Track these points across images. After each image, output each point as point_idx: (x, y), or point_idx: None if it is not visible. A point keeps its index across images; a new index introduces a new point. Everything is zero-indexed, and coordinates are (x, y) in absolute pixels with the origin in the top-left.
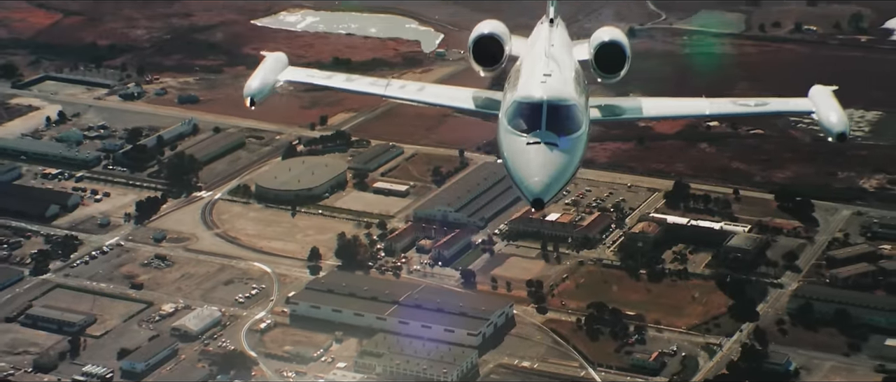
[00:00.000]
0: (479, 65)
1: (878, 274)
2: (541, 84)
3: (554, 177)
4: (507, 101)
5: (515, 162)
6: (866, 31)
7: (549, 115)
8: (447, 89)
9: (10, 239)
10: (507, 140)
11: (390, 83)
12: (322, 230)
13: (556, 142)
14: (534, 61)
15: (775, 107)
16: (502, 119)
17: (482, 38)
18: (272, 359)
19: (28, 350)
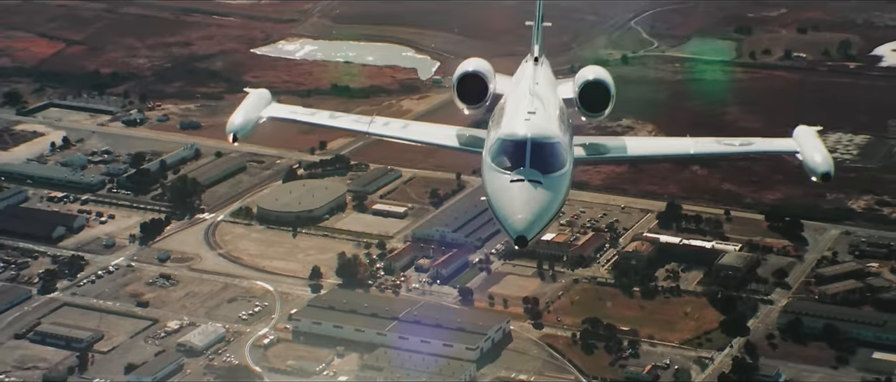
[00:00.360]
0: (463, 103)
1: (865, 291)
2: (525, 122)
3: (537, 215)
4: (491, 139)
5: (499, 199)
6: (855, 58)
7: (533, 153)
8: (431, 127)
9: (18, 259)
10: (491, 177)
11: (374, 120)
12: (323, 250)
13: (540, 179)
14: (518, 99)
15: (760, 147)
16: (486, 156)
17: (466, 76)
18: (276, 373)
19: (37, 366)
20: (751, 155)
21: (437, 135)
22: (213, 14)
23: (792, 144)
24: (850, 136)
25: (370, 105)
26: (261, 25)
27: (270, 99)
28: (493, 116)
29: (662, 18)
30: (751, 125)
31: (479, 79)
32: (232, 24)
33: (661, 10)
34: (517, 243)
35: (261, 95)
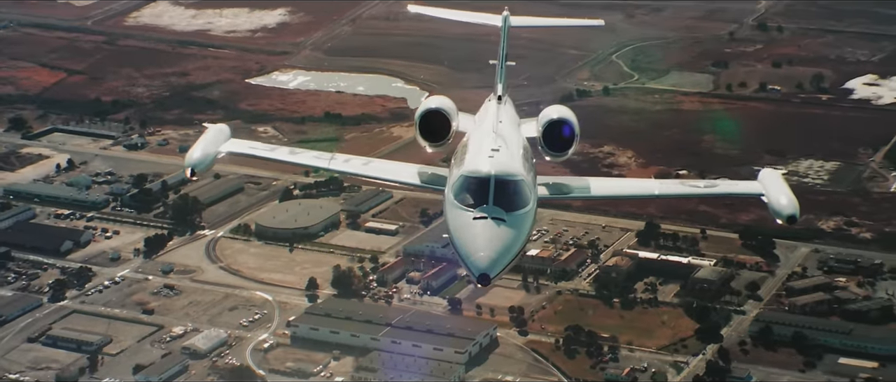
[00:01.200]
0: (425, 141)
1: (833, 303)
2: (488, 159)
3: (500, 253)
4: (453, 176)
5: (461, 236)
6: (827, 91)
7: (496, 191)
8: (392, 164)
9: (28, 270)
10: (453, 214)
11: (335, 157)
12: (318, 264)
13: (503, 217)
14: (481, 137)
15: (724, 190)
16: (448, 193)
17: (429, 113)
18: (276, 374)
19: (50, 366)
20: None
21: (398, 172)
22: (209, 46)
23: (757, 187)
24: (822, 163)
25: (361, 132)
26: (255, 57)
27: (229, 134)
28: (456, 154)
29: (642, 53)
30: (727, 153)
31: (441, 116)
32: (227, 56)
33: (642, 45)
34: (480, 281)
35: (220, 130)
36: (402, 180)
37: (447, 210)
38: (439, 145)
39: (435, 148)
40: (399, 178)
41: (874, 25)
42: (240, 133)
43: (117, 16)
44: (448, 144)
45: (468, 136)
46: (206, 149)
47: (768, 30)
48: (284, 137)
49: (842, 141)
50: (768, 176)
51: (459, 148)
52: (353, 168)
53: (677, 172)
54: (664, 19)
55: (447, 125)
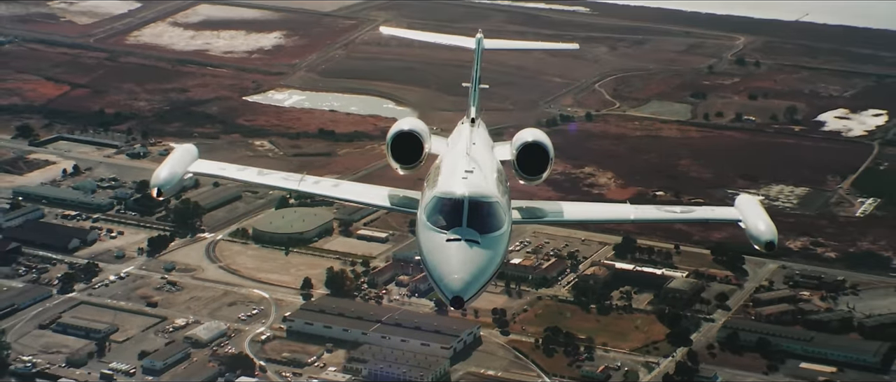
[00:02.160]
0: (397, 163)
1: (796, 313)
2: (462, 180)
3: (474, 276)
4: (426, 198)
5: (434, 258)
6: (799, 122)
7: (470, 212)
8: (362, 187)
9: (38, 265)
10: (426, 236)
11: (304, 178)
12: (312, 266)
13: (477, 239)
14: (455, 159)
15: (701, 215)
16: (421, 215)
17: (400, 136)
18: (272, 363)
19: (60, 351)
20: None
21: (369, 194)
22: (207, 65)
23: (734, 213)
24: (792, 188)
25: (353, 147)
26: (251, 76)
27: (196, 154)
28: (429, 176)
29: (624, 82)
30: (701, 176)
31: (414, 138)
32: (224, 75)
33: (624, 76)
34: (453, 304)
35: (187, 150)
36: (371, 202)
37: (419, 232)
38: (411, 168)
39: (407, 170)
40: (369, 201)
41: (847, 63)
42: (237, 146)
43: (118, 34)
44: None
45: (441, 159)
46: (173, 170)
47: (746, 65)
48: (281, 151)
49: (812, 169)
50: (745, 201)
51: (432, 170)
52: (323, 189)
53: (654, 193)
54: (646, 52)
55: (419, 147)
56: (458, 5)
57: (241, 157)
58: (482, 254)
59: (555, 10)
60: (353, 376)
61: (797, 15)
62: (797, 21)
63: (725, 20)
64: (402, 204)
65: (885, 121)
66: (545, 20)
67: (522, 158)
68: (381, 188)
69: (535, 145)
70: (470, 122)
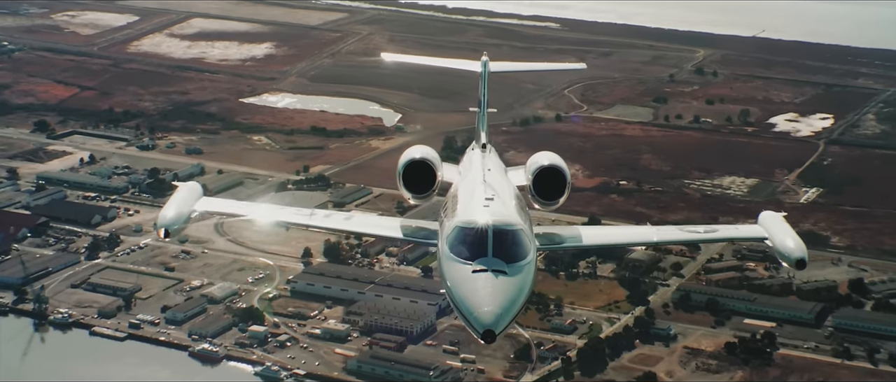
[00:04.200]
0: (409, 192)
1: (742, 279)
2: (484, 209)
3: (505, 308)
4: (447, 228)
5: (461, 291)
6: (752, 124)
7: (495, 241)
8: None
9: (65, 237)
10: (451, 268)
11: (314, 212)
12: (311, 240)
13: (504, 269)
14: (472, 186)
15: (724, 234)
16: (443, 247)
17: (412, 164)
18: (279, 316)
19: (92, 305)
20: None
21: (381, 225)
22: (205, 72)
23: (759, 231)
24: (743, 179)
25: (344, 142)
26: (246, 81)
27: (201, 193)
28: (445, 205)
29: (591, 89)
30: (661, 168)
31: (426, 166)
32: (221, 80)
33: (591, 83)
34: (484, 338)
35: (192, 188)
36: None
37: (443, 263)
38: (424, 197)
39: (419, 199)
40: (381, 231)
41: (799, 74)
42: (237, 141)
43: (119, 44)
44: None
45: (456, 187)
46: (179, 209)
47: (704, 74)
48: (277, 145)
49: (762, 163)
50: (769, 218)
51: (449, 199)
52: (334, 223)
53: (617, 182)
54: (612, 62)
55: (432, 176)
56: (437, 20)
57: (241, 150)
58: (511, 284)
59: (527, 26)
60: (352, 326)
61: (754, 31)
62: (754, 37)
63: (687, 35)
64: (416, 235)
65: (831, 123)
66: (519, 34)
67: (539, 183)
68: (393, 219)
69: (552, 169)
70: (481, 148)
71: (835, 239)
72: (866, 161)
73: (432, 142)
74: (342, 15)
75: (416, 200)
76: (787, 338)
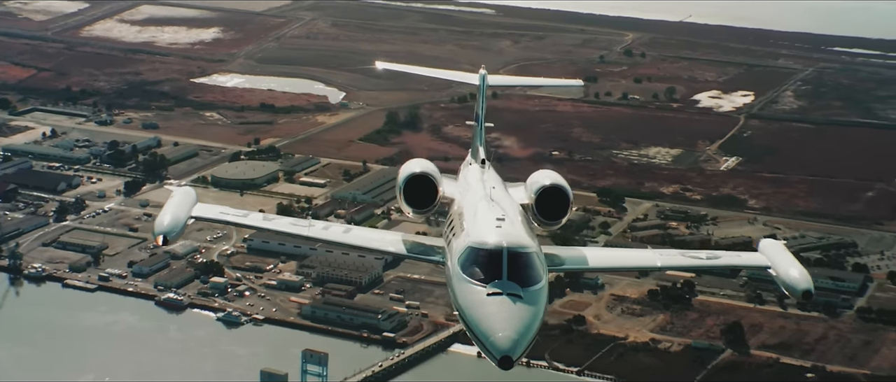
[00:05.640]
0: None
1: (665, 237)
2: (496, 229)
3: (521, 333)
4: (457, 247)
5: (476, 314)
6: (677, 101)
7: (510, 264)
8: (373, 232)
9: (33, 202)
10: (463, 290)
11: (313, 223)
12: (264, 204)
13: (519, 293)
14: (478, 205)
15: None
16: (454, 266)
17: (414, 178)
18: (237, 270)
19: (63, 261)
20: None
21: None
22: (156, 54)
23: (761, 259)
24: (668, 149)
25: (291, 118)
26: (196, 63)
27: (195, 198)
28: (449, 222)
29: (526, 69)
30: (591, 140)
31: (428, 181)
32: (172, 62)
33: (525, 64)
34: (501, 364)
35: (186, 194)
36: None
37: (455, 284)
38: (425, 212)
39: (420, 214)
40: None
41: (723, 55)
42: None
43: (72, 29)
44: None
45: (459, 204)
46: (176, 216)
47: (633, 56)
48: (228, 121)
49: (685, 135)
50: (770, 247)
51: (454, 216)
52: (332, 235)
53: (550, 153)
54: (546, 45)
55: (433, 191)
56: (377, 6)
57: (194, 125)
58: (527, 310)
59: (464, 11)
60: (305, 278)
61: (681, 16)
62: (681, 21)
63: (617, 20)
64: (418, 251)
65: (752, 100)
66: (456, 19)
67: (541, 202)
68: (394, 234)
69: (554, 188)
70: (480, 164)
71: (752, 201)
72: (783, 133)
73: (375, 117)
74: (286, 2)
75: (417, 215)
76: (704, 286)
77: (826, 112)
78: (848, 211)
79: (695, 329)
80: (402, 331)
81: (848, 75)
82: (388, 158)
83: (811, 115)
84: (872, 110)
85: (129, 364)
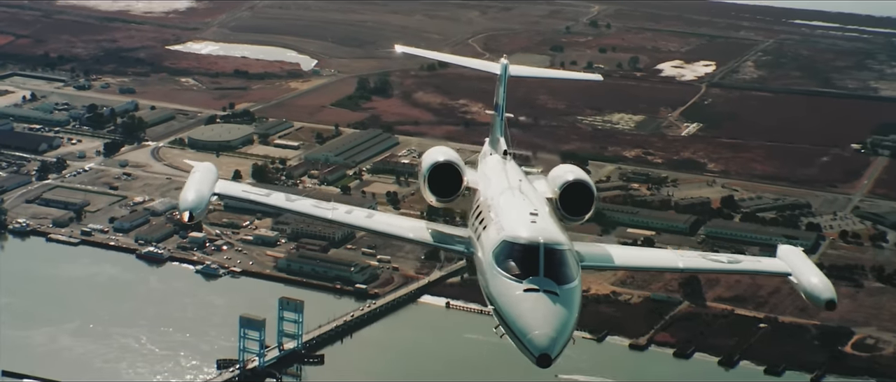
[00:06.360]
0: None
1: (627, 197)
2: (531, 224)
3: (559, 331)
4: (490, 239)
5: (513, 310)
6: (641, 70)
7: (546, 260)
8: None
9: (16, 161)
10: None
11: (336, 206)
12: (240, 165)
13: (556, 290)
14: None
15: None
16: (488, 259)
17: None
18: (215, 226)
19: (46, 217)
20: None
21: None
22: (131, 22)
23: (781, 266)
24: (631, 116)
25: (265, 84)
26: (171, 31)
27: (217, 174)
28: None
29: (494, 39)
30: (557, 106)
31: (453, 170)
32: (147, 30)
33: (493, 34)
34: (540, 363)
35: (208, 170)
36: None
37: (488, 277)
38: (449, 200)
39: (443, 203)
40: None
41: (686, 27)
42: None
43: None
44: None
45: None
46: (200, 192)
47: (598, 27)
48: (203, 86)
49: (648, 103)
50: (789, 253)
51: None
52: (355, 220)
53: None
54: (513, 16)
55: (458, 179)
56: None
57: (170, 90)
58: (564, 308)
59: None
60: (280, 234)
61: None
62: None
63: None
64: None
65: (713, 69)
66: None
67: (565, 198)
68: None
69: (579, 184)
70: (502, 155)
71: (711, 165)
72: (743, 101)
73: (346, 84)
74: None
75: (441, 203)
76: (663, 244)
77: (785, 81)
78: (803, 175)
79: (654, 282)
80: (374, 283)
81: (807, 46)
82: (360, 123)
83: (771, 84)
84: (830, 80)
85: (112, 313)
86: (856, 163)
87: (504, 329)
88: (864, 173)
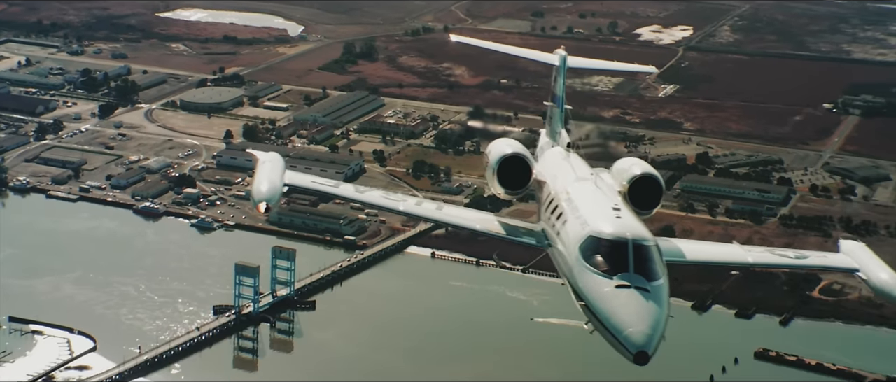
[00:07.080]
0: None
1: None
2: (616, 220)
3: (654, 328)
4: (574, 234)
5: (606, 306)
6: (620, 34)
7: (635, 257)
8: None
9: (14, 123)
10: (588, 279)
11: (405, 199)
12: (230, 125)
13: (647, 287)
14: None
15: (814, 262)
16: (573, 253)
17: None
18: (207, 183)
19: (45, 175)
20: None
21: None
22: None
23: (848, 261)
24: (609, 78)
25: (253, 49)
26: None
27: (284, 164)
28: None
29: (476, 5)
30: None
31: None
32: None
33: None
34: (637, 360)
35: (275, 159)
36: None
37: (575, 272)
38: (517, 193)
39: (512, 195)
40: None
41: None
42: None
43: None
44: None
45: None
46: (272, 182)
47: None
48: (193, 52)
49: None
50: (854, 248)
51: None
52: (425, 212)
53: (499, 81)
54: None
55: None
56: None
57: (161, 55)
58: (656, 304)
59: None
60: None
61: None
62: None
63: None
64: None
65: (691, 33)
66: None
67: (633, 191)
68: (486, 214)
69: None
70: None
71: (687, 124)
72: (719, 64)
73: (333, 49)
74: None
75: (509, 196)
76: None
77: (760, 45)
78: (776, 133)
79: None
80: (362, 235)
81: (783, 11)
82: (346, 85)
83: (746, 48)
84: (804, 43)
85: (112, 263)
86: (827, 122)
87: (595, 324)
88: (834, 131)
